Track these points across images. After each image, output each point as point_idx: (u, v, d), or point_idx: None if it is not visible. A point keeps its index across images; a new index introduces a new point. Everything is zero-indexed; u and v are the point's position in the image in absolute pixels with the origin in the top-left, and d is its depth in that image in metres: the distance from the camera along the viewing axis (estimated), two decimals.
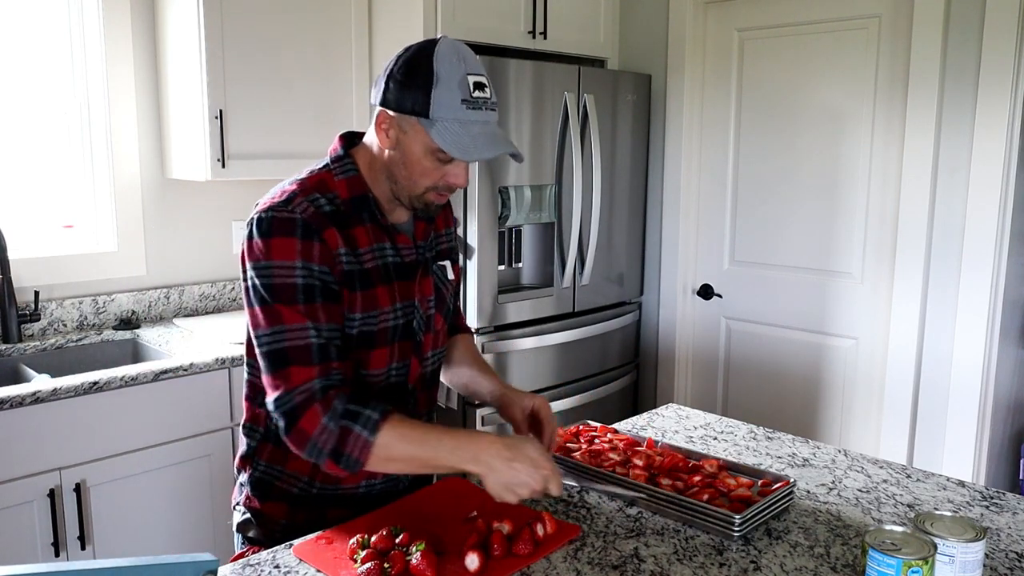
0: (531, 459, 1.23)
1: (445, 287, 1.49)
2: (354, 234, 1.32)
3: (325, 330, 1.25)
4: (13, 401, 2.00)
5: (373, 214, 1.35)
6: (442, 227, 1.53)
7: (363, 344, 1.34)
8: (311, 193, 1.30)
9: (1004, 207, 2.56)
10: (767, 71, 3.07)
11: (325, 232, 1.27)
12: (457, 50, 1.27)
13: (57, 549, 2.10)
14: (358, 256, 1.32)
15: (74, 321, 2.65)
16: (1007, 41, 2.47)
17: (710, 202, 3.30)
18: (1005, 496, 1.50)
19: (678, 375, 3.44)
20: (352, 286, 1.30)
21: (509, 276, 2.97)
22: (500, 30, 2.91)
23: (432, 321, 1.45)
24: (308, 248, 1.25)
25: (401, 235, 1.39)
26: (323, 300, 1.26)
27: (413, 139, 1.28)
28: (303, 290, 1.24)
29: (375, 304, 1.33)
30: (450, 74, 1.25)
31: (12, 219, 2.59)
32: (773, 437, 1.81)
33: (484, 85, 1.28)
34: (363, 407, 1.23)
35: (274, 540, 1.41)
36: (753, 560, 1.24)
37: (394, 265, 1.37)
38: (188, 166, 2.67)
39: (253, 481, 1.43)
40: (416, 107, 1.25)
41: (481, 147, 1.27)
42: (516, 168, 2.79)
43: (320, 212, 1.28)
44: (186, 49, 2.58)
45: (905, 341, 2.77)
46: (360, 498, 1.42)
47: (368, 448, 1.20)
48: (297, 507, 1.41)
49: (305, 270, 1.25)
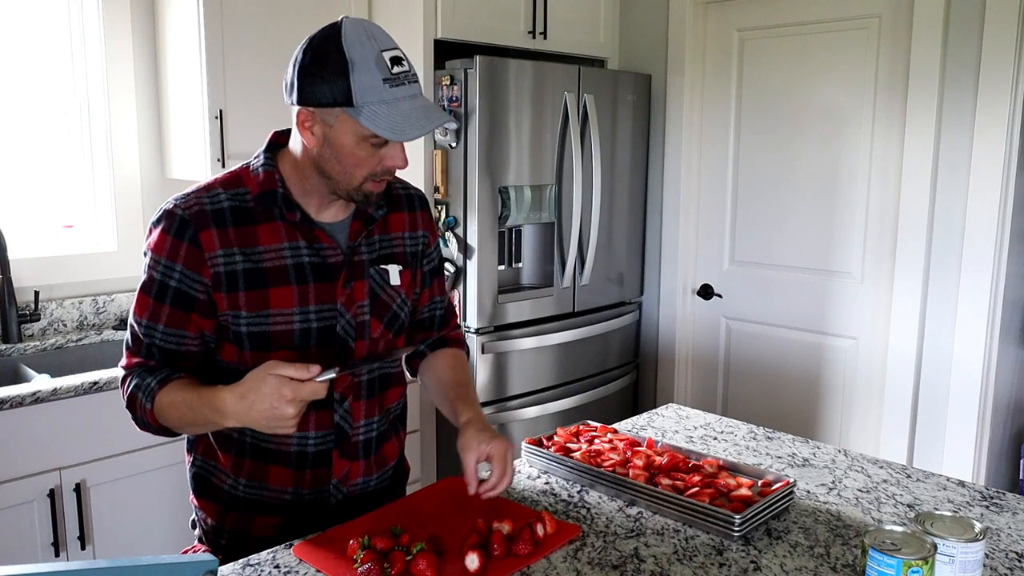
0: (268, 390, 1.16)
1: (386, 293, 1.40)
2: (256, 231, 1.29)
3: (159, 332, 1.29)
4: (13, 401, 2.00)
5: (283, 211, 1.30)
6: (404, 229, 1.45)
7: (258, 345, 1.29)
8: (215, 189, 1.30)
9: (1004, 207, 2.56)
10: (767, 71, 3.07)
11: (202, 233, 1.26)
12: (364, 29, 1.22)
13: (57, 549, 2.10)
14: (253, 254, 1.28)
15: (74, 321, 2.65)
16: (1007, 41, 2.47)
17: (710, 202, 3.30)
18: (1005, 496, 1.50)
19: (678, 375, 3.44)
20: (234, 286, 1.27)
21: (509, 276, 2.97)
22: (500, 30, 2.91)
23: (366, 328, 1.37)
24: (176, 247, 1.27)
25: (322, 234, 1.32)
26: (172, 304, 1.28)
27: (341, 131, 1.23)
28: (158, 287, 1.28)
29: (265, 304, 1.28)
30: (364, 55, 1.19)
31: (12, 219, 2.59)
32: (773, 437, 1.81)
33: (400, 59, 1.22)
34: (150, 374, 1.29)
35: (207, 540, 1.43)
36: (753, 560, 1.24)
37: (311, 265, 1.31)
38: (188, 166, 2.67)
39: (192, 474, 1.44)
40: (337, 97, 1.20)
41: (416, 123, 1.21)
42: (516, 168, 2.80)
43: (205, 210, 1.27)
44: (186, 49, 2.58)
45: (905, 341, 2.77)
46: (288, 506, 1.37)
47: (149, 413, 1.28)
48: (227, 508, 1.39)
49: (167, 268, 1.27)
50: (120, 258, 2.76)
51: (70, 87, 2.67)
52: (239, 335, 1.29)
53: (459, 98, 2.70)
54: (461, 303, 2.81)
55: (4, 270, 2.43)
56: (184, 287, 1.27)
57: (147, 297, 1.29)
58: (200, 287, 1.27)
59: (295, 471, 1.36)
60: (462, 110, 2.70)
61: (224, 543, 1.41)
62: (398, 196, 1.47)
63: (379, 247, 1.40)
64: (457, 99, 2.70)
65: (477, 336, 2.79)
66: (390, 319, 1.41)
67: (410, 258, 1.46)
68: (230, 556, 1.37)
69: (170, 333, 1.29)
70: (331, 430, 1.36)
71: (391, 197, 1.44)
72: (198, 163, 2.59)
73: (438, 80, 2.75)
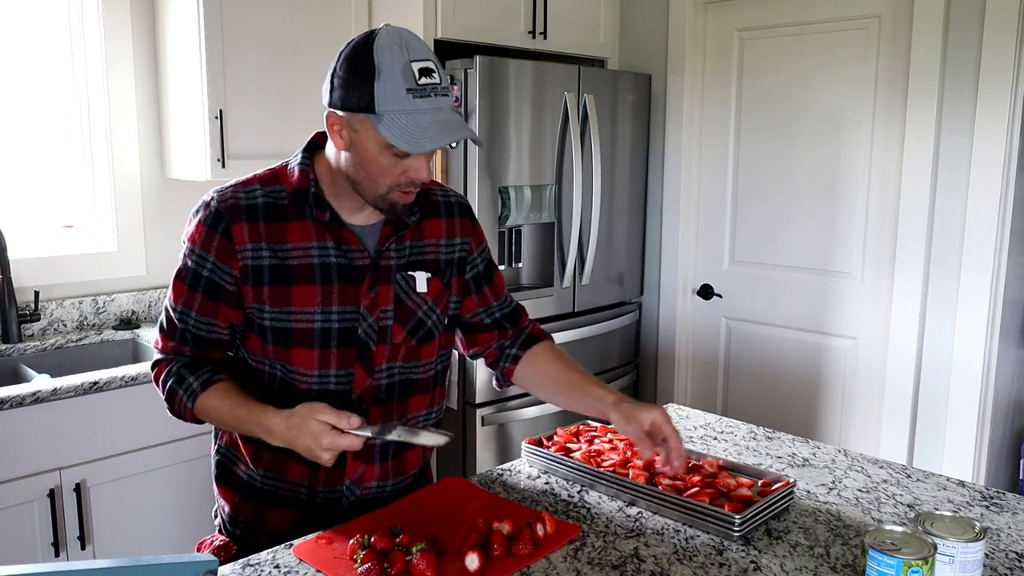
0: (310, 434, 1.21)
1: (411, 299, 1.39)
2: (286, 228, 1.31)
3: (192, 319, 1.34)
4: (13, 401, 2.00)
5: (313, 210, 1.31)
6: (440, 236, 1.44)
7: (280, 340, 1.33)
8: (252, 184, 1.34)
9: (1004, 207, 2.56)
10: (767, 71, 3.07)
11: (234, 226, 1.30)
12: (399, 37, 1.22)
13: (57, 549, 2.10)
14: (281, 251, 1.31)
15: (74, 321, 2.65)
16: (1007, 41, 2.47)
17: (710, 202, 3.30)
18: (1005, 496, 1.50)
19: (678, 375, 3.44)
20: (259, 280, 1.31)
21: (509, 276, 2.97)
22: (500, 30, 2.91)
23: (388, 332, 1.37)
24: (209, 238, 1.31)
25: (350, 236, 1.33)
26: (204, 293, 1.32)
27: (365, 137, 1.23)
28: (192, 275, 1.33)
29: (287, 301, 1.31)
30: (392, 64, 1.19)
31: (12, 219, 2.59)
32: (773, 437, 1.81)
33: (431, 71, 1.22)
34: (191, 373, 1.34)
35: (224, 529, 1.46)
36: (753, 560, 1.24)
37: (338, 266, 1.33)
38: (188, 166, 2.67)
39: (216, 462, 1.48)
40: (362, 103, 1.21)
41: (432, 136, 1.21)
42: (516, 168, 2.80)
43: (239, 204, 1.31)
44: (186, 49, 2.58)
45: (905, 341, 2.77)
46: (303, 501, 1.39)
47: (189, 411, 1.34)
48: (245, 498, 1.42)
49: (200, 258, 1.31)
50: (120, 258, 2.76)
51: (70, 87, 2.67)
52: (263, 328, 1.33)
53: (459, 98, 2.70)
54: None
55: (4, 270, 2.43)
56: (215, 277, 1.31)
57: (182, 284, 1.34)
58: (230, 279, 1.31)
59: (310, 467, 1.37)
60: (462, 110, 2.70)
61: (239, 533, 1.44)
62: (436, 203, 1.46)
63: (409, 253, 1.40)
64: (457, 99, 2.70)
65: None
66: (414, 326, 1.40)
67: (444, 266, 1.44)
68: (244, 546, 1.40)
69: (202, 320, 1.34)
70: None
71: (428, 203, 1.44)
72: (198, 163, 2.59)
73: None
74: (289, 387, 1.35)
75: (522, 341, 1.56)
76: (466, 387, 2.84)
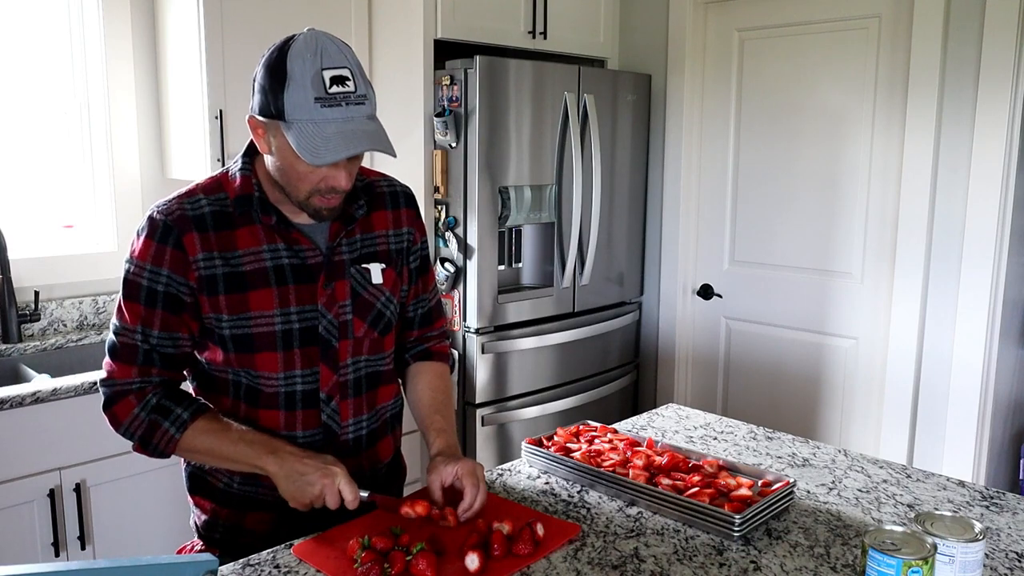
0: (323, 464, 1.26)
1: (368, 291, 1.40)
2: (235, 235, 1.30)
3: (155, 337, 1.29)
4: (13, 401, 2.00)
5: (259, 215, 1.31)
6: (388, 226, 1.44)
7: (242, 347, 1.31)
8: (196, 195, 1.33)
9: (1004, 207, 2.56)
10: (767, 71, 3.07)
11: (185, 237, 1.28)
12: (315, 44, 1.19)
13: (57, 549, 2.10)
14: (233, 258, 1.30)
15: (74, 321, 2.65)
16: (1007, 41, 2.47)
17: (710, 202, 3.30)
18: (1005, 496, 1.50)
19: (678, 375, 3.44)
20: (214, 290, 1.29)
21: (509, 276, 2.97)
22: (500, 30, 2.91)
23: (349, 327, 1.37)
24: (160, 253, 1.28)
25: (300, 236, 1.33)
26: (163, 308, 1.29)
27: (282, 144, 1.22)
28: (147, 292, 1.29)
29: (245, 307, 1.30)
30: (302, 71, 1.18)
31: (12, 219, 2.59)
32: (773, 437, 1.81)
33: (345, 79, 1.19)
34: (176, 404, 1.30)
35: (201, 535, 1.45)
36: (753, 560, 1.24)
37: (291, 267, 1.32)
38: (188, 166, 2.67)
39: (188, 473, 1.46)
40: (275, 110, 1.20)
41: (333, 148, 1.18)
42: (516, 168, 2.80)
43: (187, 216, 1.29)
44: (186, 49, 2.58)
45: (905, 341, 2.77)
46: (282, 502, 1.36)
47: (173, 443, 1.30)
48: (222, 505, 1.41)
49: (152, 274, 1.28)
50: (120, 258, 2.71)
51: (70, 87, 2.67)
52: (223, 338, 1.31)
53: (459, 98, 2.70)
54: (461, 303, 2.81)
55: (4, 270, 2.43)
56: (173, 291, 1.29)
57: (136, 304, 1.29)
58: (186, 290, 1.29)
59: None
60: (462, 110, 2.70)
61: (218, 537, 1.43)
62: (382, 194, 1.47)
63: (361, 246, 1.40)
64: (457, 99, 2.70)
65: (477, 336, 2.79)
66: (374, 318, 1.41)
67: (395, 255, 1.45)
68: (225, 549, 1.39)
69: (165, 337, 1.31)
70: (318, 429, 1.38)
71: (373, 195, 1.45)
72: (198, 163, 2.59)
73: (438, 80, 2.75)
74: (255, 392, 1.35)
75: (419, 351, 1.56)
76: (466, 387, 2.84)
